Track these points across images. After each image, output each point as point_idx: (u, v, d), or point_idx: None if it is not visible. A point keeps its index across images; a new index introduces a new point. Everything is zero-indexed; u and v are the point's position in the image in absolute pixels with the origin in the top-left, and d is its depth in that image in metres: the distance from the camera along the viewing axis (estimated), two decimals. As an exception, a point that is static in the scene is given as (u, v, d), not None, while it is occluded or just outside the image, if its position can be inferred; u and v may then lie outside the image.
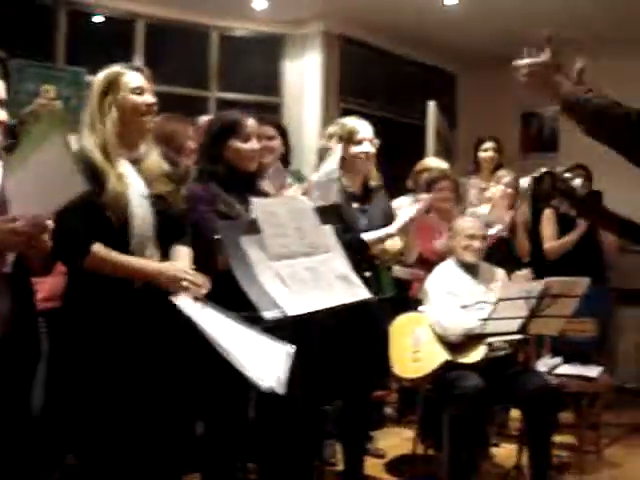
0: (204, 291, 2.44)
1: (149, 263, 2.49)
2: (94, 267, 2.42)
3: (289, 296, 2.05)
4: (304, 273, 2.16)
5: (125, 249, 2.45)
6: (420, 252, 4.42)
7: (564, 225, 5.27)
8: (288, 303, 2.03)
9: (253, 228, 2.16)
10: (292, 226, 2.24)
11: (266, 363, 2.24)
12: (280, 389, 2.14)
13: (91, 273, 2.43)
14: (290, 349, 2.34)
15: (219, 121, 3.11)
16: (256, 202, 2.23)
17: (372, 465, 4.23)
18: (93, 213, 2.39)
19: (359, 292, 2.31)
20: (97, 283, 2.45)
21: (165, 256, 2.56)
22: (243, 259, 2.06)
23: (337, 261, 2.31)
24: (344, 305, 2.25)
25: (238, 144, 2.94)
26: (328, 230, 2.40)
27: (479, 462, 4.04)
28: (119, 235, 2.43)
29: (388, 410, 5.31)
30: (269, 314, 1.97)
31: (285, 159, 3.91)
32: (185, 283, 2.41)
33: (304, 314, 2.10)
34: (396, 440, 4.77)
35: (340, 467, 3.88)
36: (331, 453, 4.20)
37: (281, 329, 2.37)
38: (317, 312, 2.28)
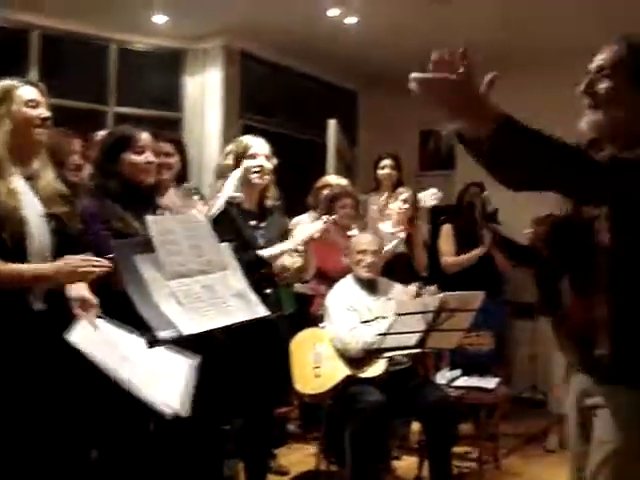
0: (105, 269, 2.37)
1: (43, 265, 2.39)
2: None
3: (184, 315, 2.02)
4: (200, 291, 2.13)
5: None
6: (321, 268, 4.46)
7: (462, 241, 5.40)
8: (183, 322, 1.99)
9: (148, 246, 2.11)
10: (188, 244, 2.21)
11: (169, 384, 2.20)
12: (184, 412, 2.10)
13: None
14: (193, 361, 2.31)
15: (112, 135, 3.06)
16: (151, 220, 2.19)
17: (275, 483, 4.22)
18: None
19: (256, 310, 2.30)
20: None
21: None
22: (138, 278, 2.01)
23: (234, 279, 2.29)
24: (242, 323, 2.23)
25: (132, 157, 2.90)
26: (225, 248, 2.38)
27: (381, 476, 4.08)
28: (14, 255, 2.34)
29: (291, 427, 5.30)
30: (163, 334, 1.93)
31: (183, 176, 3.88)
32: (84, 269, 2.33)
33: (200, 333, 2.06)
34: (299, 456, 4.76)
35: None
36: (233, 472, 4.15)
37: (179, 348, 2.34)
38: (215, 330, 2.26)
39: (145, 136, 2.98)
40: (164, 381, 2.21)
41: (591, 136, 1.92)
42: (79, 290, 2.45)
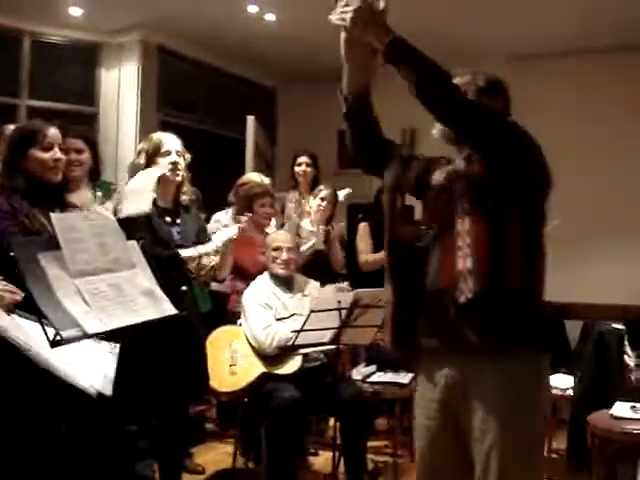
0: (18, 298, 2.32)
1: None
2: None
3: (90, 314, 1.99)
4: (107, 290, 2.09)
5: None
6: (238, 265, 4.45)
7: (378, 239, 5.46)
8: (88, 321, 1.96)
9: (53, 244, 2.07)
10: (94, 242, 2.17)
11: (89, 366, 2.17)
12: (108, 390, 2.07)
13: None
14: (112, 348, 2.29)
15: (19, 131, 2.98)
16: (55, 217, 2.14)
17: (191, 481, 4.20)
18: None
19: (165, 308, 2.27)
20: None
21: None
22: (41, 276, 1.97)
23: (142, 277, 2.26)
24: (150, 321, 2.21)
25: (38, 154, 2.82)
26: (133, 245, 2.35)
27: (297, 472, 4.10)
28: None
29: (209, 425, 5.28)
30: (67, 333, 1.89)
31: (95, 172, 3.80)
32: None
33: (106, 332, 2.04)
34: (216, 455, 4.75)
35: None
36: (149, 472, 4.11)
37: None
38: (124, 329, 2.23)
39: (53, 132, 2.90)
40: (84, 363, 2.17)
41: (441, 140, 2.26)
42: None
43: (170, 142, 3.57)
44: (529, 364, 2.10)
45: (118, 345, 2.34)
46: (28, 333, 2.23)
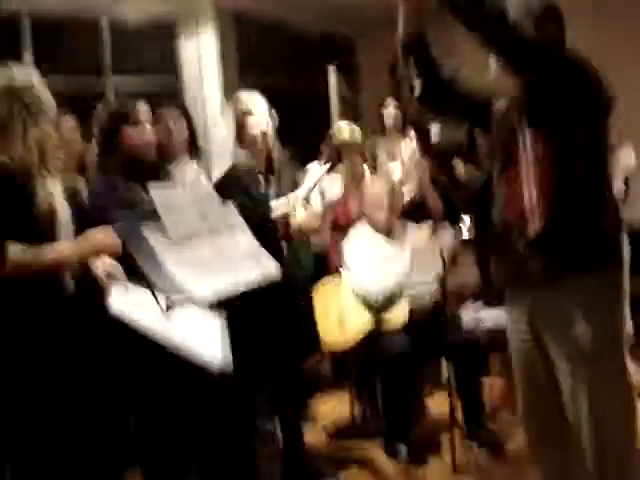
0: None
1: (65, 243, 2.41)
2: (16, 273, 2.31)
3: (195, 279, 2.04)
4: (209, 255, 2.14)
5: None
6: (335, 219, 4.48)
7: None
8: (195, 286, 2.01)
9: (153, 215, 2.13)
10: (192, 209, 2.22)
11: (208, 342, 2.22)
12: (228, 366, 2.13)
13: (16, 281, 2.31)
14: (223, 320, 2.33)
15: (109, 111, 3.04)
16: (153, 189, 2.20)
17: (311, 430, 4.27)
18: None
19: (268, 267, 2.30)
20: (24, 291, 2.35)
21: None
22: (145, 247, 2.03)
23: (242, 238, 2.30)
24: (257, 283, 2.24)
25: (132, 130, 2.90)
26: (230, 207, 2.39)
27: (415, 416, 4.12)
28: (41, 236, 2.35)
29: (324, 374, 5.34)
30: (176, 297, 1.95)
31: (193, 142, 3.86)
32: (107, 242, 2.36)
33: (212, 296, 2.08)
34: (333, 404, 4.81)
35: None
36: (270, 426, 4.21)
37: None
38: (229, 293, 2.27)
39: (143, 108, 2.98)
40: (203, 338, 2.22)
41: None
42: (104, 266, 2.48)
43: (258, 109, 3.48)
44: (601, 282, 2.18)
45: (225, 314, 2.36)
46: (145, 303, 2.28)
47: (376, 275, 3.90)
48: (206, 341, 2.13)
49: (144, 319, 2.21)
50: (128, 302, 2.32)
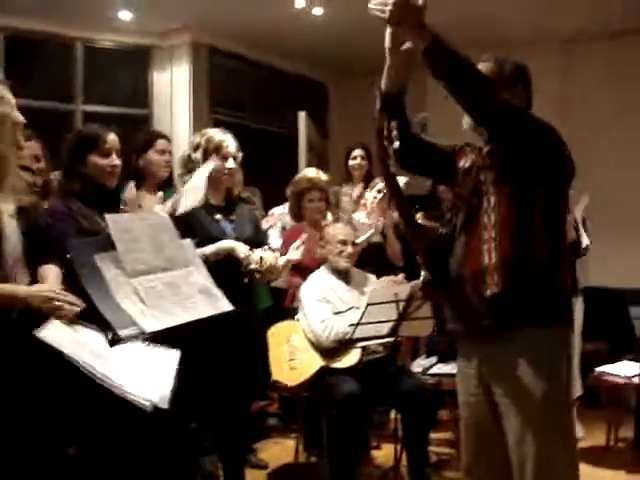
0: (77, 309, 2.36)
1: (18, 288, 2.37)
2: None
3: (147, 312, 2.01)
4: (163, 288, 2.12)
5: None
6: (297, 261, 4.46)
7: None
8: (146, 320, 1.98)
9: (108, 244, 2.10)
10: (149, 241, 2.20)
11: (149, 377, 2.18)
12: (164, 404, 2.08)
13: None
14: (175, 354, 2.29)
15: (78, 136, 3.02)
16: (109, 217, 2.17)
17: (255, 477, 4.22)
18: None
19: (221, 304, 2.29)
20: None
21: (34, 277, 2.45)
22: (98, 277, 2.00)
23: (197, 274, 2.27)
24: (206, 319, 2.22)
25: (97, 160, 2.87)
26: (188, 243, 2.37)
27: (359, 465, 4.09)
28: None
29: (272, 420, 5.31)
30: (125, 332, 1.92)
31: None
32: (57, 303, 2.32)
33: (164, 330, 2.05)
34: (279, 450, 4.77)
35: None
36: (212, 467, 4.15)
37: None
38: (182, 328, 2.25)
39: (112, 137, 2.95)
40: (142, 375, 2.18)
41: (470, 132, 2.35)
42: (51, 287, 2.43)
43: (229, 145, 3.52)
44: (551, 339, 2.21)
45: (178, 353, 2.32)
46: (84, 340, 2.24)
47: (330, 320, 3.89)
48: (145, 378, 2.09)
49: (78, 353, 2.15)
50: (64, 335, 2.26)
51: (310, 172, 5.07)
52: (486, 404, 2.29)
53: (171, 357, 2.28)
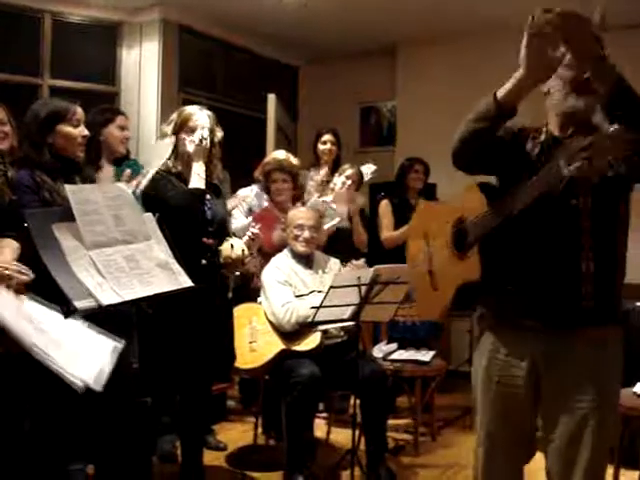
0: (27, 278, 2.32)
1: None
2: None
3: (104, 285, 1.98)
4: (122, 261, 2.09)
5: None
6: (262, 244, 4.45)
7: (400, 216, 5.43)
8: (102, 293, 1.96)
9: (67, 215, 2.07)
10: (109, 213, 2.17)
11: (86, 359, 2.15)
12: (97, 386, 2.05)
13: None
14: (118, 344, 2.26)
15: (47, 106, 2.97)
16: (69, 188, 2.14)
17: (213, 458, 4.21)
18: None
19: (181, 280, 2.26)
20: None
21: None
22: (55, 248, 1.97)
23: (157, 249, 2.25)
24: (165, 294, 2.20)
25: (68, 129, 2.87)
26: (149, 218, 2.34)
27: (317, 448, 4.10)
28: None
29: (231, 403, 5.30)
30: (81, 304, 1.89)
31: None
32: (7, 272, 2.28)
33: (122, 303, 2.03)
34: (238, 432, 4.76)
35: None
36: (170, 447, 4.13)
37: (109, 321, 2.30)
38: (141, 303, 2.23)
39: (80, 110, 2.96)
40: (82, 356, 2.15)
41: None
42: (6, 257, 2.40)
43: (200, 119, 3.47)
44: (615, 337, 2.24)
45: (122, 342, 2.29)
46: (30, 317, 2.21)
47: (291, 303, 3.89)
48: (82, 359, 2.06)
49: (20, 325, 2.11)
50: (7, 305, 2.22)
51: (280, 154, 5.05)
52: (530, 394, 2.24)
53: (108, 345, 2.25)
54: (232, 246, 3.47)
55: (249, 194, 4.97)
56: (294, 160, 4.90)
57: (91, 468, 3.38)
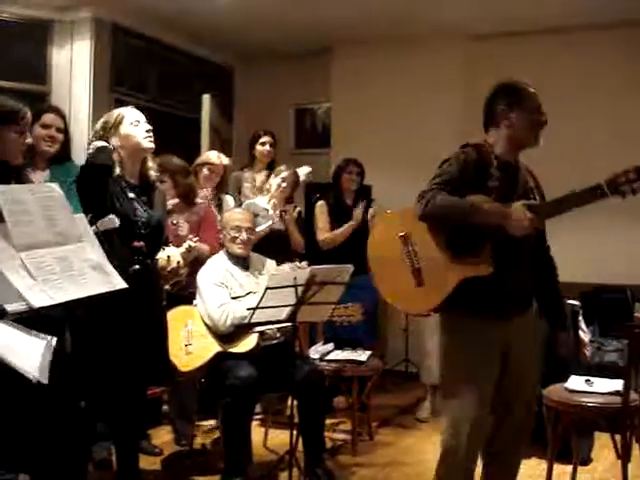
0: None
1: None
2: None
3: (36, 287, 1.93)
4: (53, 263, 2.04)
5: None
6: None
7: (336, 217, 5.46)
8: (34, 295, 1.91)
9: (-2, 216, 2.01)
10: (40, 214, 2.11)
11: (25, 352, 2.09)
12: (44, 379, 1.99)
13: None
14: (51, 341, 2.21)
15: None
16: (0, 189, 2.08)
17: (149, 463, 4.16)
18: None
19: (114, 281, 2.22)
20: None
21: None
22: (-17, 249, 1.91)
23: (90, 250, 2.20)
24: (98, 296, 2.16)
25: (12, 135, 2.78)
26: (81, 219, 2.30)
27: (254, 450, 4.08)
28: None
29: (165, 407, 5.23)
30: (12, 307, 1.84)
31: (66, 153, 3.90)
32: None
33: (54, 306, 1.98)
34: (173, 436, 4.70)
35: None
36: (105, 454, 4.06)
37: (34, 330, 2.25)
38: (72, 305, 2.18)
39: (29, 114, 2.87)
40: (20, 351, 2.09)
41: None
42: None
43: (134, 112, 3.39)
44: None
45: (55, 339, 2.25)
46: None
47: (227, 304, 3.87)
48: (24, 354, 2.00)
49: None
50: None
51: (212, 155, 5.03)
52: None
53: (40, 342, 2.19)
54: (168, 258, 3.44)
55: None
56: (225, 160, 4.93)
57: (25, 477, 3.29)
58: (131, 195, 3.32)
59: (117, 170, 3.25)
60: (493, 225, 2.73)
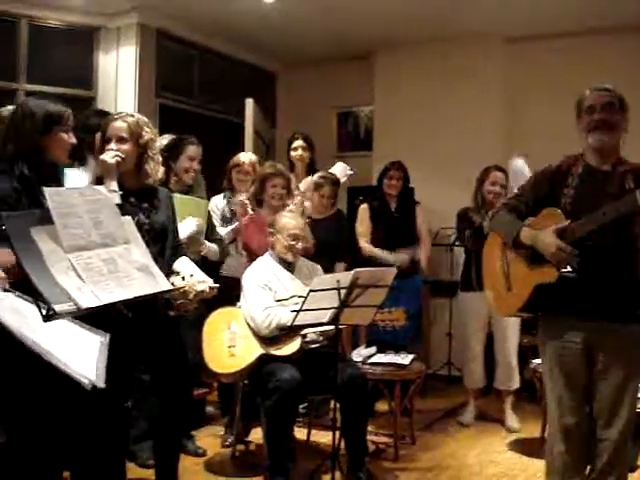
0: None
1: None
2: None
3: (84, 288, 1.97)
4: (101, 265, 2.07)
5: None
6: (248, 246, 4.47)
7: (379, 219, 5.46)
8: (82, 296, 1.94)
9: (46, 218, 2.05)
10: (88, 217, 2.15)
11: (83, 356, 2.13)
12: (100, 383, 2.03)
13: None
14: (104, 339, 2.25)
15: (43, 108, 2.87)
16: (48, 191, 2.12)
17: (192, 463, 4.19)
18: None
19: (160, 283, 2.25)
20: None
21: None
22: (33, 250, 1.95)
23: (136, 252, 2.24)
24: (145, 297, 2.18)
25: (62, 135, 2.86)
26: (128, 221, 2.33)
27: (297, 452, 4.09)
28: None
29: (210, 409, 5.27)
30: (61, 307, 1.88)
31: None
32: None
33: (102, 307, 2.01)
34: (217, 437, 4.74)
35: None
36: (145, 453, 4.09)
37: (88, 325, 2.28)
38: (119, 307, 2.21)
39: (72, 116, 2.94)
40: (77, 353, 2.13)
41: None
42: None
43: (113, 128, 3.19)
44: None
45: (108, 335, 2.28)
46: (24, 315, 2.20)
47: (271, 307, 3.88)
48: (81, 357, 2.04)
49: (16, 324, 2.08)
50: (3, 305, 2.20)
51: (240, 155, 5.04)
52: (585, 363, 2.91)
53: (94, 340, 2.23)
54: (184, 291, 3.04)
55: (222, 201, 4.95)
56: (253, 157, 5.05)
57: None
58: (131, 199, 3.16)
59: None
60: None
